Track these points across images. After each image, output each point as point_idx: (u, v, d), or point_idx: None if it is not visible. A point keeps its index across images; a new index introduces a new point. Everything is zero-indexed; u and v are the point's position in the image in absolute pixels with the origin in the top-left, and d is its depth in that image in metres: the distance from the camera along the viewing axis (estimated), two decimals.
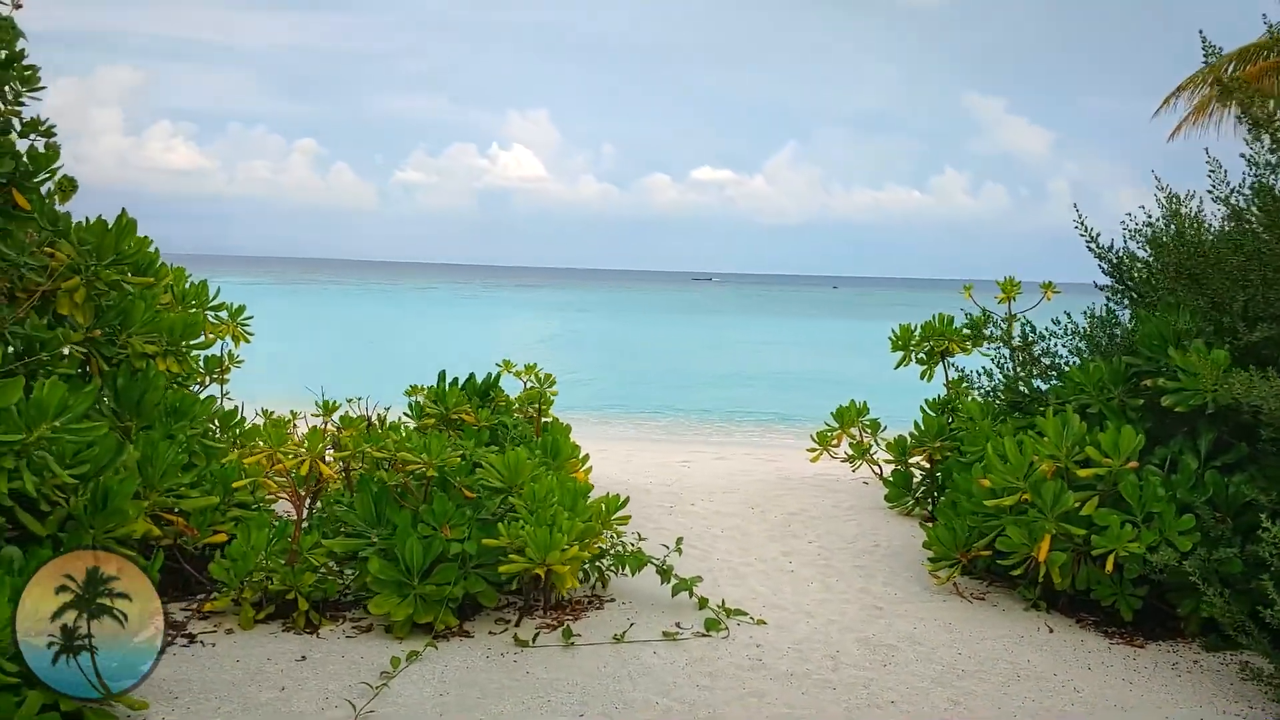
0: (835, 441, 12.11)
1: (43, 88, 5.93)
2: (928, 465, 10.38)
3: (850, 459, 12.18)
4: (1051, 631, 7.03)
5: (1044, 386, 9.21)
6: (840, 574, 8.18)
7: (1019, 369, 9.20)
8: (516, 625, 6.67)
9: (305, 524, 6.75)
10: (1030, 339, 9.39)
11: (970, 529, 7.82)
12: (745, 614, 7.03)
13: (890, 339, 12.00)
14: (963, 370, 11.76)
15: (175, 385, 7.67)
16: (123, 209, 6.66)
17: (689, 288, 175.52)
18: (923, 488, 10.21)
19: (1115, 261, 9.90)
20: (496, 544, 6.41)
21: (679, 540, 7.37)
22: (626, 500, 7.13)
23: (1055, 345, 9.29)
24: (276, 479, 6.85)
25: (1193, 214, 9.66)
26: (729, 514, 10.07)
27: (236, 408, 8.17)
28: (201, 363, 8.74)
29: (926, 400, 11.87)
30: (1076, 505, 7.00)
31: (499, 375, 9.95)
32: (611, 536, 7.22)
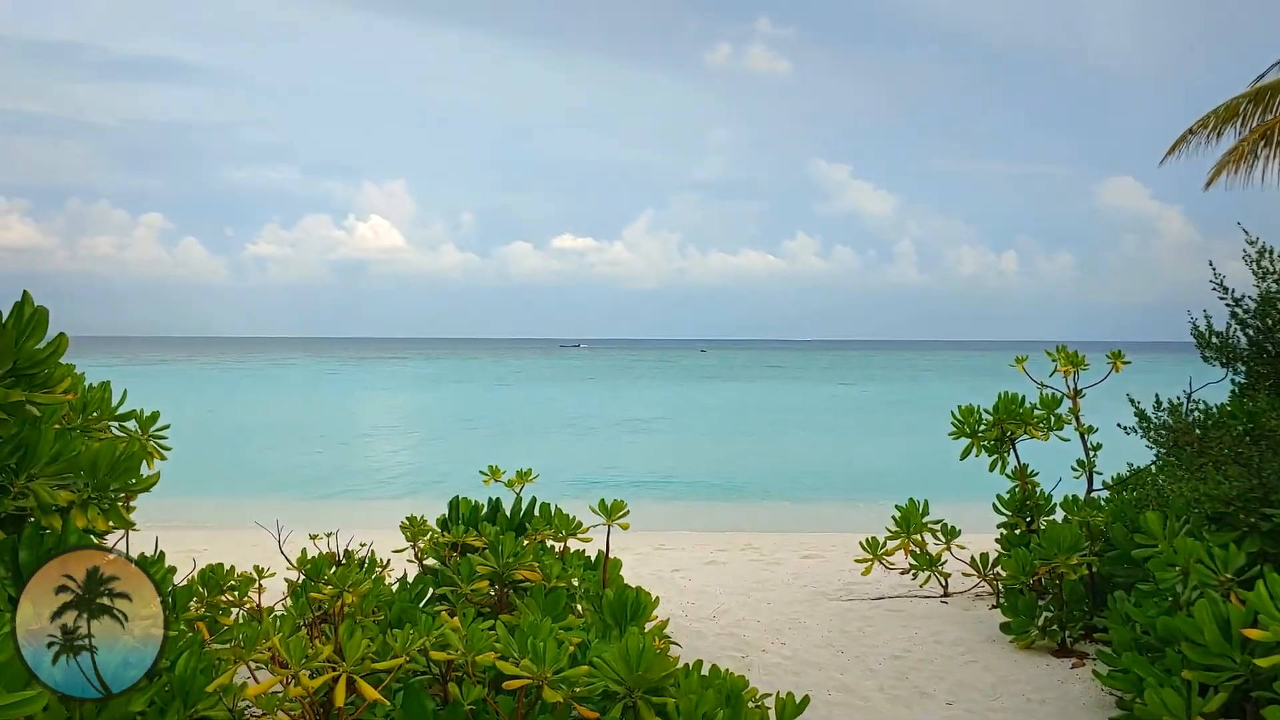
0: (895, 550, 10.17)
1: None
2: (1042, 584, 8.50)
3: (912, 570, 10.23)
4: None
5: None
6: None
7: (1180, 465, 7.37)
8: None
9: None
10: (1193, 424, 7.60)
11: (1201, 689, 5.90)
12: None
13: (953, 423, 10.17)
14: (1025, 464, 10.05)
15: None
16: (25, 291, 4.34)
17: (560, 354, 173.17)
18: (1045, 613, 8.25)
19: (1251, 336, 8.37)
20: None
21: None
22: (805, 703, 4.94)
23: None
24: (289, 706, 4.40)
25: None
26: (818, 664, 7.91)
27: (192, 583, 5.71)
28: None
29: (999, 497, 10.07)
30: None
31: (531, 503, 7.61)
32: None
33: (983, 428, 10.02)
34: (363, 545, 8.00)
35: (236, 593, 6.72)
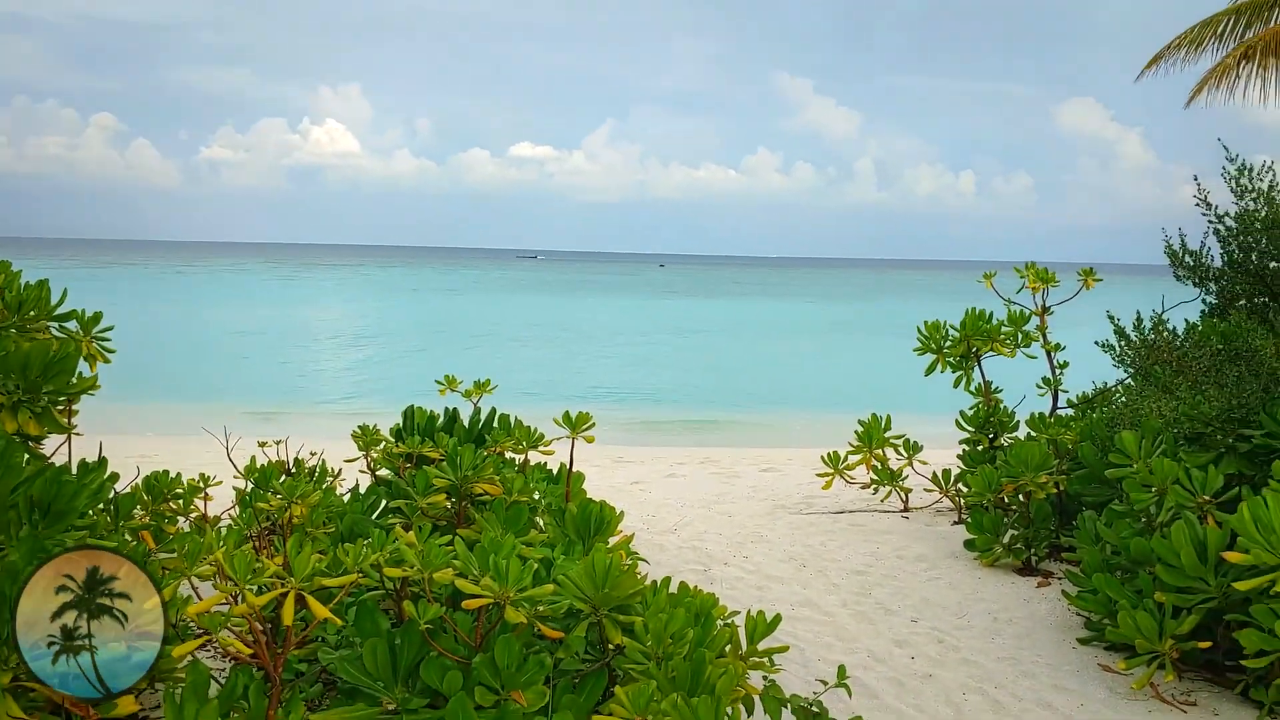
0: (857, 464, 10.06)
1: None
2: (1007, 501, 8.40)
3: (873, 485, 10.12)
4: None
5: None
6: (989, 675, 6.04)
7: (1170, 378, 7.21)
8: None
9: (283, 696, 4.08)
10: (1165, 340, 7.43)
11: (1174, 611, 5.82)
12: None
13: (919, 339, 9.99)
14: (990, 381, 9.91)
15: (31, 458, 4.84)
16: None
17: (517, 265, 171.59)
18: (1010, 531, 8.15)
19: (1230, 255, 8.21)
20: None
21: (841, 671, 5.03)
22: (777, 621, 4.75)
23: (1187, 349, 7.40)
24: (234, 623, 4.12)
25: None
26: (782, 578, 7.78)
27: (136, 490, 5.38)
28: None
29: (963, 413, 9.95)
30: None
31: (491, 414, 7.31)
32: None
33: (948, 344, 9.86)
34: (313, 454, 7.70)
35: (182, 501, 6.40)
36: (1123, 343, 7.65)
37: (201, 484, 6.45)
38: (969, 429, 9.85)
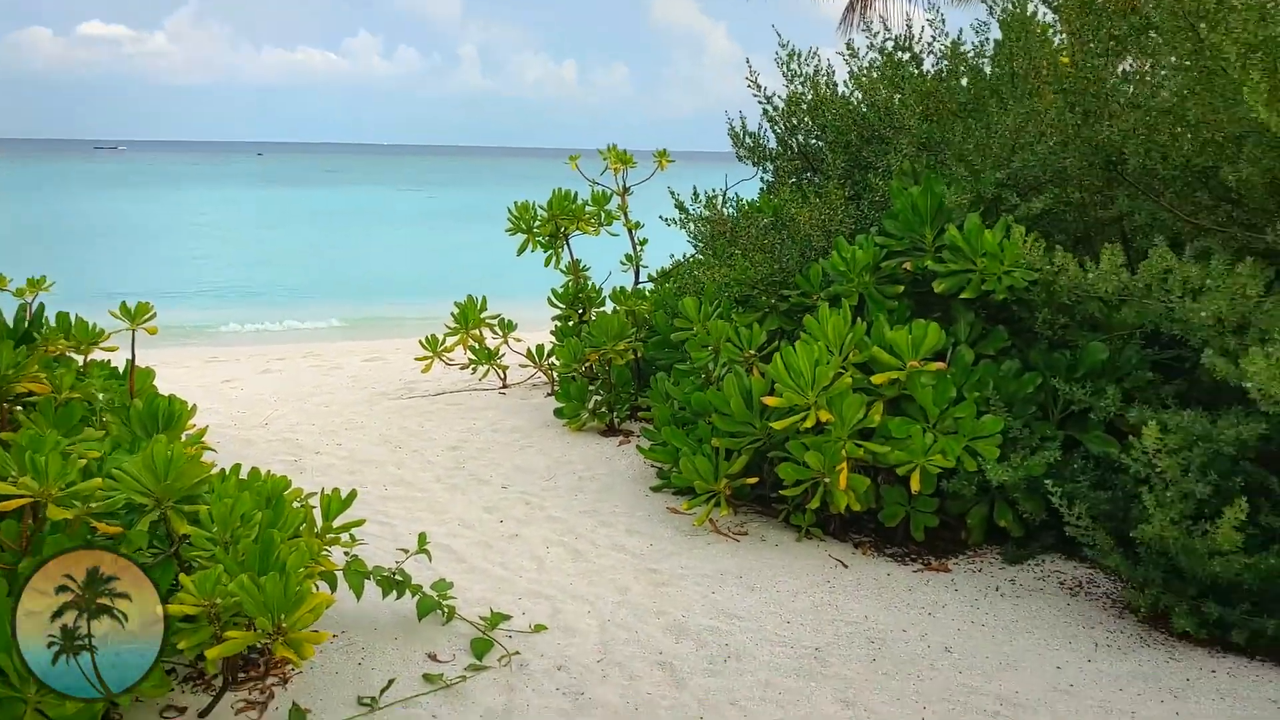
0: (455, 346, 10.19)
1: None
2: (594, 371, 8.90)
3: (472, 365, 10.31)
4: (846, 566, 6.00)
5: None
6: (571, 528, 6.48)
7: (732, 246, 7.85)
8: (205, 716, 4.18)
9: None
10: (727, 216, 8.08)
11: (727, 454, 6.50)
12: (506, 616, 5.11)
13: (509, 219, 10.19)
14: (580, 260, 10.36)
15: None
16: None
17: (95, 158, 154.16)
18: (595, 397, 8.66)
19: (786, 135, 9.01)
20: (182, 610, 3.85)
21: (422, 538, 5.13)
22: (353, 497, 4.77)
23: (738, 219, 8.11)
24: None
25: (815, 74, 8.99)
26: (375, 460, 7.79)
27: None
28: None
29: (554, 291, 10.34)
30: (860, 418, 5.95)
31: (40, 311, 6.58)
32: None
33: (537, 224, 10.14)
34: None
35: None
36: (683, 216, 8.24)
37: None
38: (560, 305, 10.27)
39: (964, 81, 7.75)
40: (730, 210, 8.29)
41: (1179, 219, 5.99)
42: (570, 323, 10.12)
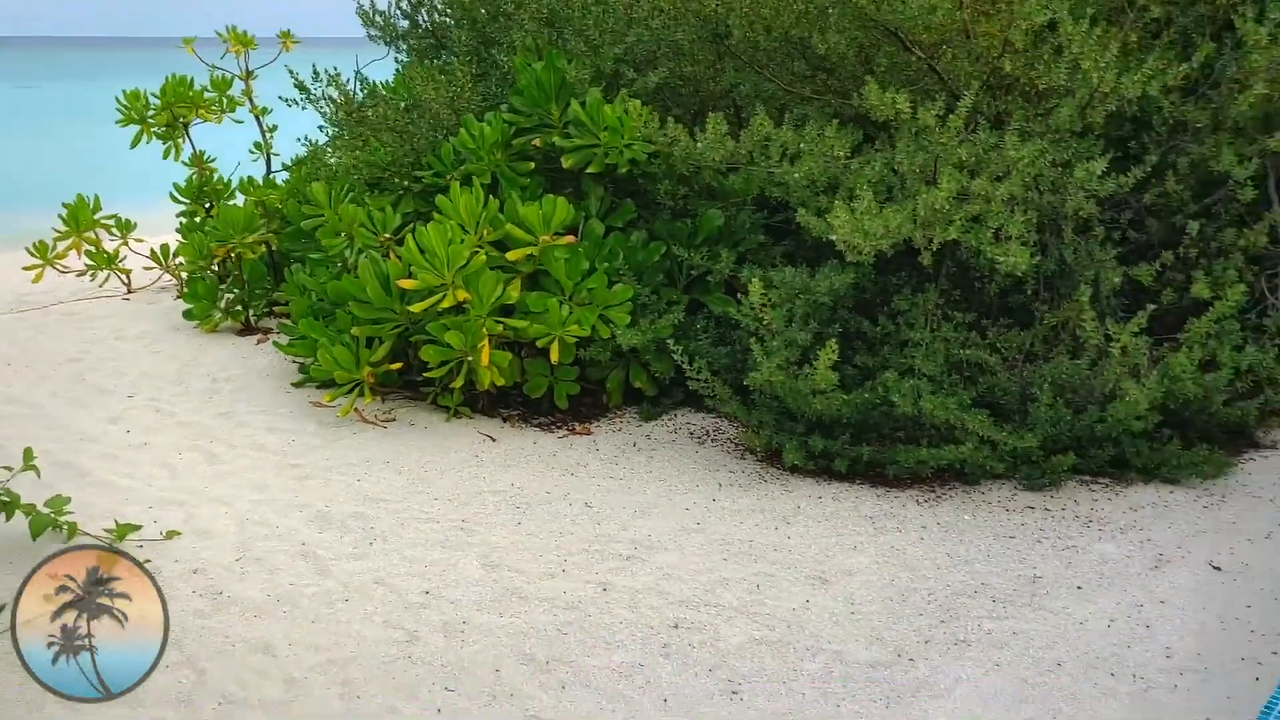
0: (68, 251, 9.26)
1: None
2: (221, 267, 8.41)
3: (89, 270, 9.42)
4: (495, 440, 6.16)
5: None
6: (205, 432, 6.19)
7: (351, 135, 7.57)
8: None
9: None
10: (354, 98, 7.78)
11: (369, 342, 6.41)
12: (136, 527, 4.85)
13: (119, 109, 9.32)
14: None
15: None
16: None
17: None
18: (228, 295, 8.19)
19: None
20: None
21: (28, 453, 4.66)
22: None
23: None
24: None
25: None
26: None
27: None
28: None
29: (176, 185, 9.63)
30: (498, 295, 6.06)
31: None
32: None
33: (151, 113, 9.34)
34: None
35: None
36: (304, 95, 7.88)
37: None
38: (184, 200, 9.58)
39: None
40: (357, 92, 7.99)
41: (780, 89, 6.42)
42: (197, 219, 9.46)
